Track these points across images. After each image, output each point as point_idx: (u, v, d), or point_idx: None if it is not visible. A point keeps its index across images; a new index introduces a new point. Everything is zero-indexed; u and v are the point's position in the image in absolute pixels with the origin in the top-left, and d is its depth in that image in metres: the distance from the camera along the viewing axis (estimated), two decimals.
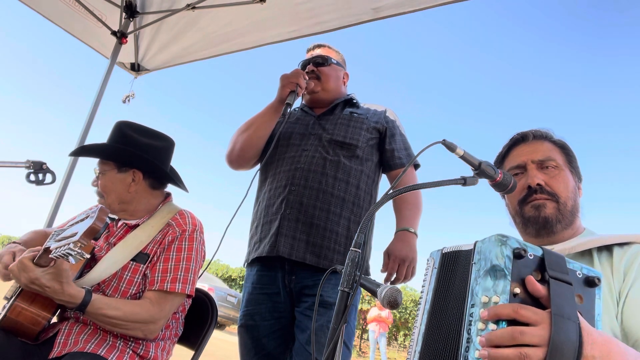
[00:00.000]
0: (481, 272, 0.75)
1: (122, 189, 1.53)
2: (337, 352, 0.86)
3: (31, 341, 1.37)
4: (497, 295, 0.71)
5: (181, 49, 3.22)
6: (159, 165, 1.56)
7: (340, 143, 1.74)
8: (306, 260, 1.59)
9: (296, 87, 1.72)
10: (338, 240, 1.63)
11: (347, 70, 2.02)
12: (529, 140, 1.22)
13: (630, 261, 0.95)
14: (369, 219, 0.91)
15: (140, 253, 1.45)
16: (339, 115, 1.84)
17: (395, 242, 1.66)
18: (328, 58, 1.91)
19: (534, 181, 1.13)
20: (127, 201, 1.54)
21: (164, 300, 1.39)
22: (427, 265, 0.95)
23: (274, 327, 1.65)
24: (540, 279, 0.73)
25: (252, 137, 1.78)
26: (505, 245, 0.74)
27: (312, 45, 2.03)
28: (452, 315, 0.81)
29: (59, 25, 3.09)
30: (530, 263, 0.74)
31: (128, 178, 1.54)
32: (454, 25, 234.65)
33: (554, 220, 1.10)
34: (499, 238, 0.75)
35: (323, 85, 1.87)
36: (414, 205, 1.75)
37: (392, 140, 1.82)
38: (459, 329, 0.77)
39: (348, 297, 0.90)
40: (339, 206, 1.66)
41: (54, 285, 1.21)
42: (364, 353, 14.23)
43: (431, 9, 2.26)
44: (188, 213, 1.57)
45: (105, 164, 1.56)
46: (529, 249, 0.74)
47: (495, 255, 0.74)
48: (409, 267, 1.61)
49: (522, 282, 0.72)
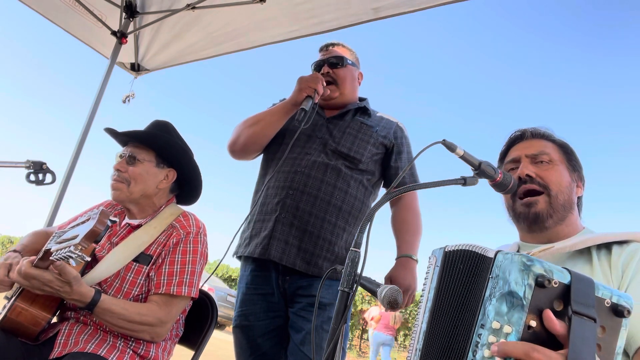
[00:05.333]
0: (497, 292, 0.71)
1: (153, 183, 1.53)
2: (337, 352, 0.86)
3: (31, 341, 1.37)
4: (510, 325, 0.67)
5: (181, 49, 3.22)
6: (198, 174, 1.62)
7: (344, 155, 1.70)
8: (296, 266, 1.58)
9: (314, 92, 1.66)
10: (330, 249, 1.61)
11: (361, 70, 1.96)
12: (526, 138, 1.23)
13: (628, 258, 0.96)
14: (368, 219, 0.91)
15: (143, 254, 1.44)
16: (349, 122, 1.79)
17: (398, 270, 1.63)
18: (343, 58, 1.85)
19: (523, 172, 1.14)
20: (149, 195, 1.53)
21: (171, 303, 1.39)
22: (429, 263, 0.94)
23: (269, 327, 1.65)
24: (562, 309, 0.68)
25: (258, 134, 1.76)
26: (528, 272, 0.68)
27: (325, 43, 1.95)
28: (458, 321, 0.79)
29: (59, 25, 3.09)
30: (553, 292, 0.68)
31: (161, 175, 1.55)
32: (455, 25, 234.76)
33: (544, 215, 1.11)
34: (522, 261, 0.69)
35: (340, 90, 1.82)
36: (415, 230, 1.74)
37: (399, 158, 1.80)
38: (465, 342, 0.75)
39: (348, 297, 0.90)
40: (335, 215, 1.64)
41: (64, 285, 1.21)
42: (364, 353, 14.23)
43: (431, 9, 2.26)
44: (191, 215, 1.57)
45: (147, 153, 1.54)
46: (555, 275, 0.68)
47: (515, 280, 0.68)
48: (411, 296, 1.61)
49: (539, 314, 0.68)
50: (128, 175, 1.49)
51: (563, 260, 1.05)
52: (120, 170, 1.50)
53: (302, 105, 1.63)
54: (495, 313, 0.69)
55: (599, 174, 63.71)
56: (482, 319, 0.72)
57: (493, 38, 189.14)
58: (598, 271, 0.97)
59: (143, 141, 1.56)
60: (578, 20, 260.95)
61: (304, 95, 1.66)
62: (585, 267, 1.00)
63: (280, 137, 1.79)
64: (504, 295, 0.69)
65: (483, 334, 0.70)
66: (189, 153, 1.61)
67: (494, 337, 0.68)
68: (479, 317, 0.73)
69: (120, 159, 1.53)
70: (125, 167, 1.50)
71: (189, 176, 1.62)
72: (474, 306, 0.76)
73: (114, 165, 1.52)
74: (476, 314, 0.74)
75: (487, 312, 0.71)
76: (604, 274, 0.96)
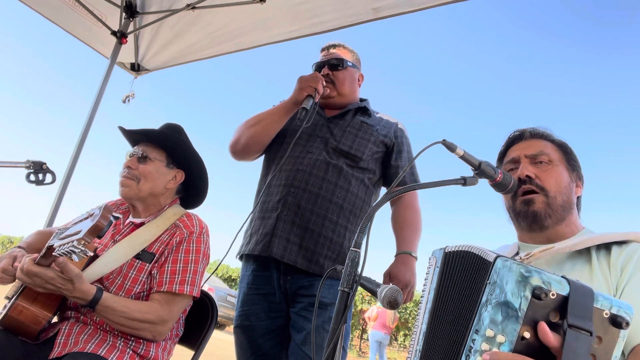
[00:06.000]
0: (493, 300, 0.70)
1: (161, 182, 1.55)
2: (337, 352, 0.86)
3: (32, 340, 1.37)
4: (504, 335, 0.67)
5: (181, 49, 3.22)
6: (205, 179, 1.65)
7: (345, 153, 1.72)
8: (297, 264, 1.58)
9: (314, 92, 1.68)
10: (331, 247, 1.62)
11: (362, 71, 1.98)
12: (526, 138, 1.24)
13: (627, 258, 0.97)
14: (369, 219, 0.91)
15: (146, 252, 1.45)
16: (350, 122, 1.81)
17: (398, 265, 1.64)
18: (344, 60, 1.87)
19: (523, 173, 1.15)
20: (156, 194, 1.55)
21: (173, 301, 1.40)
22: (429, 263, 0.95)
23: (270, 328, 1.65)
24: (557, 321, 0.68)
25: (260, 134, 1.77)
26: (525, 284, 0.67)
27: (327, 44, 1.98)
28: (455, 324, 0.80)
29: (59, 25, 3.09)
30: (550, 304, 0.68)
31: (170, 175, 1.58)
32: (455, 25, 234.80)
33: (543, 214, 1.11)
34: (520, 272, 0.68)
35: (338, 91, 1.84)
36: (415, 227, 1.74)
37: (399, 157, 1.81)
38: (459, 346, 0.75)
39: (348, 297, 0.90)
40: (336, 213, 1.65)
41: (66, 282, 1.21)
42: (364, 353, 14.23)
43: (431, 9, 2.26)
44: (195, 215, 1.58)
45: (158, 152, 1.56)
46: (553, 286, 0.67)
47: (512, 291, 0.68)
48: (410, 292, 1.62)
49: (534, 325, 0.67)
50: (138, 172, 1.52)
51: (563, 261, 1.05)
52: (130, 168, 1.52)
53: (303, 104, 1.65)
54: (489, 321, 0.69)
55: (599, 174, 63.74)
56: (477, 325, 0.72)
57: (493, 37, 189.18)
58: (597, 271, 0.98)
59: (155, 140, 1.58)
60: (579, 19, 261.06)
61: (305, 94, 1.68)
62: (585, 267, 1.01)
63: (281, 137, 1.81)
64: (500, 304, 0.69)
65: (477, 340, 0.70)
66: (199, 156, 1.63)
67: (487, 345, 0.68)
68: (474, 322, 0.73)
69: (131, 157, 1.55)
70: (136, 165, 1.53)
71: (196, 179, 1.65)
72: (470, 310, 0.76)
73: (125, 162, 1.54)
74: (471, 318, 0.74)
75: (482, 319, 0.71)
76: (603, 274, 0.97)
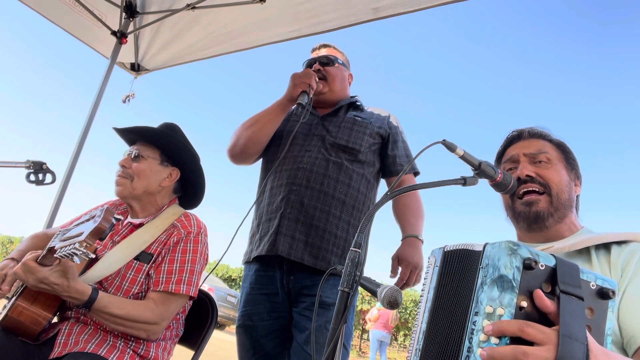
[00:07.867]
0: (488, 279, 0.73)
1: (155, 180, 1.55)
2: (337, 352, 0.86)
3: (32, 341, 1.37)
4: (502, 307, 0.69)
5: (181, 48, 3.22)
6: (201, 177, 1.63)
7: (343, 147, 1.73)
8: (304, 261, 1.59)
9: (308, 87, 1.70)
10: (336, 243, 1.63)
11: (351, 72, 2.02)
12: (524, 137, 1.23)
13: (628, 258, 0.96)
14: (369, 219, 0.91)
15: (144, 252, 1.45)
16: (343, 118, 1.84)
17: (406, 248, 1.65)
18: (334, 58, 1.91)
19: (523, 172, 1.14)
20: (151, 193, 1.55)
21: (168, 301, 1.40)
22: (429, 263, 0.95)
23: (272, 328, 1.65)
24: (550, 291, 0.71)
25: (257, 134, 1.78)
26: (515, 255, 0.71)
27: (318, 45, 2.02)
28: (455, 316, 0.80)
29: (59, 25, 3.09)
30: (541, 274, 0.71)
31: (165, 173, 1.57)
32: (455, 24, 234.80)
33: (545, 214, 1.11)
34: (509, 246, 0.72)
35: (330, 86, 1.86)
36: (417, 212, 1.75)
37: (395, 147, 1.83)
38: (461, 334, 0.76)
39: (348, 297, 0.90)
40: (339, 209, 1.66)
41: (62, 282, 1.21)
42: (364, 353, 14.23)
43: (431, 9, 2.26)
44: (193, 215, 1.58)
45: (151, 150, 1.56)
46: (540, 259, 0.71)
47: (504, 264, 0.71)
48: (419, 274, 1.62)
49: (530, 295, 0.70)
50: (132, 171, 1.52)
51: None
52: (124, 166, 1.53)
53: (299, 100, 1.67)
54: (487, 299, 0.72)
55: (599, 174, 63.72)
56: (476, 307, 0.74)
57: (494, 37, 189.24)
58: (597, 271, 0.98)
59: (148, 139, 1.58)
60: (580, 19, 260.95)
61: (299, 90, 1.70)
62: (585, 267, 1.00)
63: (278, 139, 1.82)
64: (495, 280, 0.72)
65: (477, 320, 0.72)
66: (193, 154, 1.62)
67: (488, 321, 0.70)
68: (473, 306, 0.75)
69: (126, 156, 1.55)
70: (130, 164, 1.53)
71: (193, 177, 1.64)
72: (467, 299, 0.77)
73: (119, 161, 1.55)
74: (469, 305, 0.76)
75: (480, 300, 0.73)
76: (604, 274, 0.96)
